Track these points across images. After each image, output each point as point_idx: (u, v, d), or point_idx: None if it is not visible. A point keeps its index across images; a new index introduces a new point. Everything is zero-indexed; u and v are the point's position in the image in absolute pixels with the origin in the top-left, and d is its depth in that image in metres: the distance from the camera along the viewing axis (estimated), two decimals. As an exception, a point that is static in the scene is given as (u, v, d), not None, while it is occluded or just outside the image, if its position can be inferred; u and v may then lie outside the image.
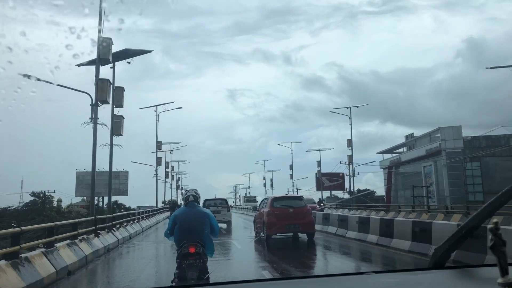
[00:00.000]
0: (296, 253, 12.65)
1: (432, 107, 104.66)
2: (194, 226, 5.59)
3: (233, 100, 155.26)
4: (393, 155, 59.51)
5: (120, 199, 66.51)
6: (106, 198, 63.61)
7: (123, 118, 24.78)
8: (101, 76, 19.71)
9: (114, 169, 61.16)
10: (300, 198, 16.45)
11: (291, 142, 70.46)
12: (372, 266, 10.09)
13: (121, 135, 24.76)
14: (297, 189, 73.95)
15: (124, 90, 24.66)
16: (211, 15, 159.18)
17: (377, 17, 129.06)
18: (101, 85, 19.75)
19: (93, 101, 19.31)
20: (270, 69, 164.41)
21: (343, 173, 61.86)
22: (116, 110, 23.56)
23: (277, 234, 15.09)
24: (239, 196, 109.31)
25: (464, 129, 44.09)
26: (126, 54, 25.39)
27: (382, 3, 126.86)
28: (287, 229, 14.54)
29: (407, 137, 56.61)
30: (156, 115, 49.11)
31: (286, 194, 16.51)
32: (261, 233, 15.37)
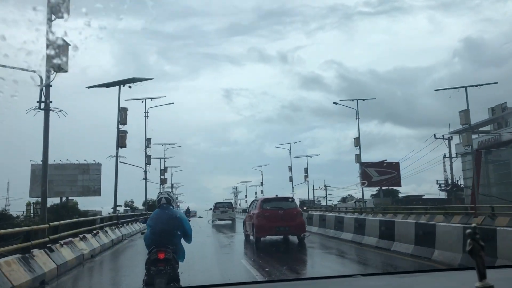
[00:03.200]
0: (284, 252, 12.79)
1: (431, 106, 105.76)
2: (165, 230, 5.49)
3: (229, 100, 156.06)
4: (480, 134, 42.52)
5: (91, 201, 51.50)
6: (74, 199, 50.31)
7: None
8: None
9: (82, 161, 48.31)
10: (290, 199, 16.55)
11: (357, 99, 41.07)
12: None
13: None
14: (325, 186, 63.75)
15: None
16: (206, 16, 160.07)
17: (373, 17, 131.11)
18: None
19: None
20: (266, 69, 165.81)
21: (397, 163, 47.42)
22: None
23: (267, 236, 15.19)
24: (246, 196, 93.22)
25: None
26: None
27: (377, 3, 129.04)
28: (277, 231, 14.63)
29: (493, 109, 40.64)
30: (145, 112, 40.37)
31: (276, 196, 16.60)
32: (251, 236, 15.45)
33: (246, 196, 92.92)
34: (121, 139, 27.38)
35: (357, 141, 40.64)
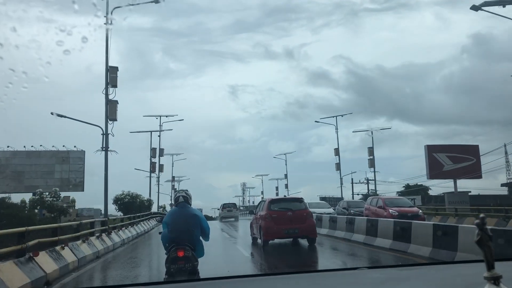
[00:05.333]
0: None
1: (440, 103, 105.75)
2: (183, 228, 5.75)
3: (234, 97, 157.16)
4: None
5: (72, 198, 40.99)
6: (71, 196, 39.63)
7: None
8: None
9: (60, 147, 36.48)
10: (300, 200, 16.37)
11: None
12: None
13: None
14: (367, 180, 53.21)
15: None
16: (211, 13, 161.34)
17: (379, 14, 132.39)
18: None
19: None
20: (273, 65, 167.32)
21: (475, 146, 37.83)
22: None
23: (275, 239, 15.18)
24: (262, 192, 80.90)
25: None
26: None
27: (384, 0, 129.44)
28: (285, 234, 14.56)
29: None
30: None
31: (285, 196, 16.60)
32: (258, 239, 15.46)
33: (262, 192, 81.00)
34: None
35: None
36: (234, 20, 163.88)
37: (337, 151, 48.38)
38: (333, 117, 49.56)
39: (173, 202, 6.59)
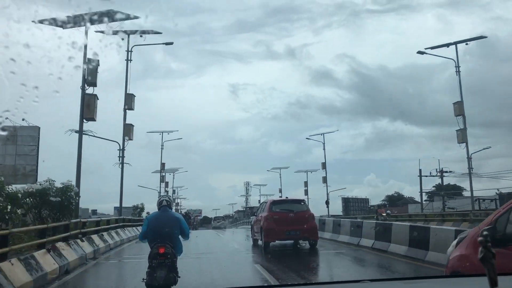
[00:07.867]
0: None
1: (442, 104, 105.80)
2: (165, 229, 6.54)
3: (235, 97, 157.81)
4: None
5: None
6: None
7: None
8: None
9: (9, 120, 22.71)
10: (301, 201, 16.46)
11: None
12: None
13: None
14: (440, 171, 45.40)
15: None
16: (212, 13, 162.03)
17: (381, 15, 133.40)
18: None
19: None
20: (274, 64, 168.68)
21: None
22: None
23: (277, 241, 15.26)
24: (280, 191, 65.42)
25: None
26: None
27: (386, 1, 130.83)
28: (287, 235, 14.69)
29: None
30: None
31: (286, 198, 16.66)
32: (259, 240, 15.54)
33: (280, 190, 65.11)
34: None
35: None
36: (236, 20, 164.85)
37: (460, 108, 32.74)
38: (447, 45, 34.56)
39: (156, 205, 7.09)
